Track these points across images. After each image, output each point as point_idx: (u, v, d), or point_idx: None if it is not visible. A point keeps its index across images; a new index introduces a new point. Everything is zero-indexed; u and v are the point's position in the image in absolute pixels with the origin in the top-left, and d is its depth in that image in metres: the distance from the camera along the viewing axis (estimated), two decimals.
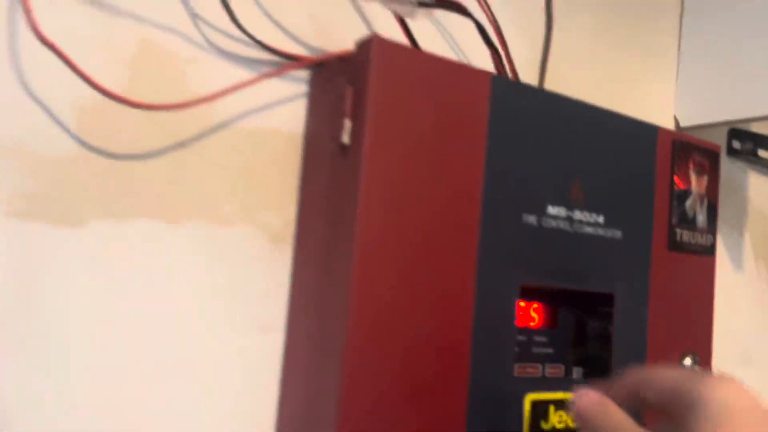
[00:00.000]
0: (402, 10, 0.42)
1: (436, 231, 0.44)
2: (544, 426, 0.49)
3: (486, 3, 0.50)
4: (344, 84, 0.43)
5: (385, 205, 0.42)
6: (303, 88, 0.49)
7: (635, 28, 0.69)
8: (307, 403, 0.44)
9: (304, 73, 0.48)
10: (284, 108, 0.48)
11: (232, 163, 0.46)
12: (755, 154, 0.80)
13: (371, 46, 0.41)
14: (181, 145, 0.44)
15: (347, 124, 0.42)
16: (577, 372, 0.55)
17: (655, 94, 0.71)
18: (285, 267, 0.48)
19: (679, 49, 0.72)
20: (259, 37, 0.45)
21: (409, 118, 0.43)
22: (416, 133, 0.43)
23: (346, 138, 0.42)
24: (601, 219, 0.53)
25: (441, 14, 0.49)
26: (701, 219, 0.60)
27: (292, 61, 0.46)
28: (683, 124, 0.72)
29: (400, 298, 0.42)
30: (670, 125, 0.73)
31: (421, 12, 0.43)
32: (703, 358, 0.60)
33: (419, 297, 0.43)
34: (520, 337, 0.51)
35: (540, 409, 0.49)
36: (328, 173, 0.45)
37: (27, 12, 0.35)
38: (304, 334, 0.46)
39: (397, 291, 0.42)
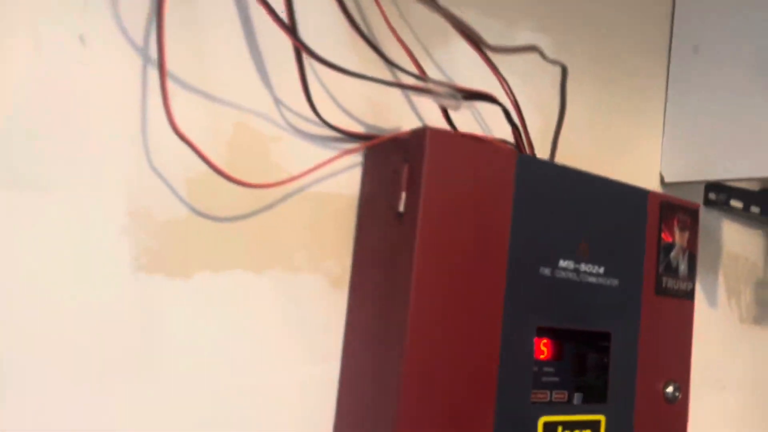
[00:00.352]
0: (449, 104, 0.52)
1: (472, 281, 0.54)
2: None
3: (511, 91, 0.60)
4: (400, 162, 0.53)
5: (434, 261, 0.52)
6: (358, 158, 0.58)
7: (628, 98, 0.80)
8: (361, 419, 0.54)
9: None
10: (343, 174, 0.58)
11: (303, 221, 0.55)
12: (728, 204, 0.91)
13: (426, 134, 0.51)
14: (265, 208, 0.53)
15: (403, 195, 0.52)
16: (577, 398, 0.64)
17: (644, 154, 0.82)
18: (342, 307, 0.57)
19: (664, 116, 0.84)
20: (324, 116, 0.55)
21: (453, 190, 0.53)
22: (458, 203, 0.53)
23: (402, 207, 0.52)
24: (601, 270, 0.63)
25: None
26: (683, 268, 0.70)
27: (353, 138, 0.56)
28: (667, 180, 0.84)
29: (445, 337, 0.52)
30: (656, 179, 0.84)
31: (464, 104, 0.53)
32: (683, 386, 0.70)
33: (459, 335, 0.53)
34: (534, 368, 0.61)
35: (550, 430, 0.59)
36: (383, 233, 0.55)
37: (167, 111, 0.45)
38: (359, 364, 0.55)
39: (442, 331, 0.52)
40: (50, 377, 0.44)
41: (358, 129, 0.58)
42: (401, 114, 0.61)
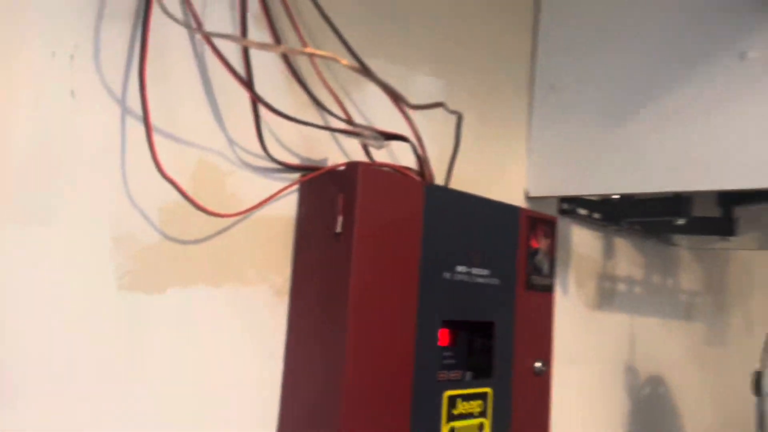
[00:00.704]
0: (372, 144, 0.65)
1: (394, 286, 0.67)
2: (454, 412, 0.74)
3: (416, 130, 0.74)
4: (336, 191, 0.65)
5: (366, 272, 0.64)
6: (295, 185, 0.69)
7: (500, 129, 0.98)
8: (306, 403, 0.65)
9: (296, 175, 0.69)
10: (281, 200, 0.68)
11: (251, 241, 0.65)
12: (576, 212, 1.12)
13: (359, 168, 0.64)
14: (221, 231, 0.63)
15: (340, 219, 0.64)
16: (469, 375, 0.80)
17: (514, 175, 1.00)
18: (284, 313, 0.68)
19: (528, 144, 1.02)
20: (267, 148, 0.66)
21: (379, 214, 0.66)
22: (383, 224, 0.66)
23: (339, 228, 0.64)
24: (487, 272, 0.79)
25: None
26: (545, 268, 0.88)
27: (293, 170, 0.67)
28: (531, 195, 1.02)
29: (375, 333, 0.65)
30: (522, 195, 1.02)
31: (384, 143, 0.66)
32: (547, 362, 0.88)
33: (386, 331, 0.66)
34: (438, 353, 0.75)
35: (452, 401, 0.74)
36: (321, 250, 0.66)
37: (155, 159, 0.53)
38: (301, 360, 0.66)
39: (373, 328, 0.65)
40: (51, 382, 0.51)
41: (293, 161, 0.69)
42: (328, 147, 0.73)
